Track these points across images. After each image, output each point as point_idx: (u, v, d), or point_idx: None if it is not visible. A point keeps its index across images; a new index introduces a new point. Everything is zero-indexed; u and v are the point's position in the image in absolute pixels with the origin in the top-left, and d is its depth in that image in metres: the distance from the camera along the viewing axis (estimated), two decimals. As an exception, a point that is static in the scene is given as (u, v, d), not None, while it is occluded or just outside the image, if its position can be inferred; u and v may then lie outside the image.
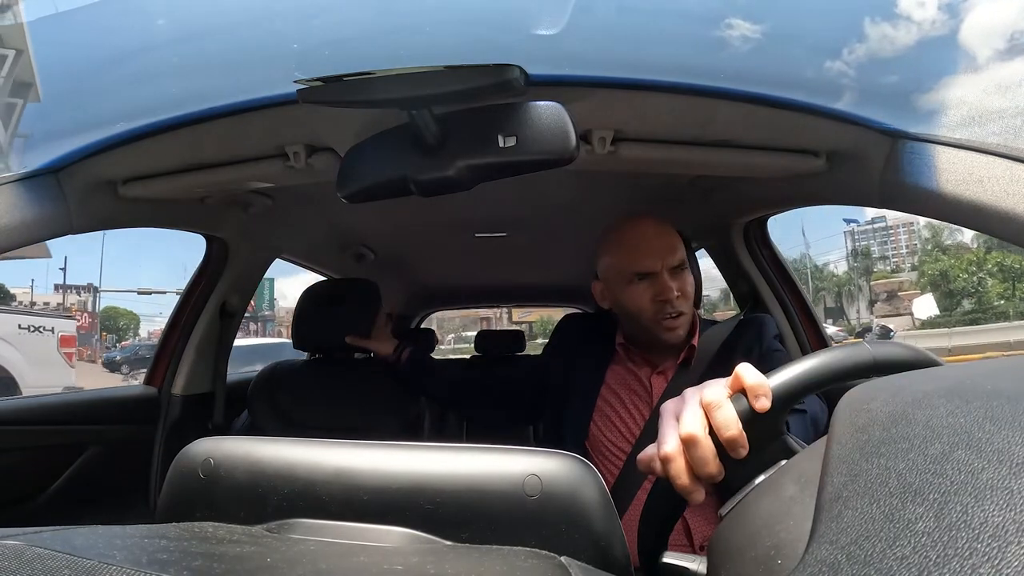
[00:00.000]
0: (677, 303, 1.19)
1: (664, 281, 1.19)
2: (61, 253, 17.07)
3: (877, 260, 36.33)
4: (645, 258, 1.21)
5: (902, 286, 26.14)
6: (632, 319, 1.24)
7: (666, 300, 1.19)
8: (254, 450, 0.53)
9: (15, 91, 1.23)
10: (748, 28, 0.99)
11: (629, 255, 1.22)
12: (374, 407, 1.75)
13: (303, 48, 0.96)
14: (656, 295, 1.19)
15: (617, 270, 1.25)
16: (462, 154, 0.87)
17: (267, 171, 1.20)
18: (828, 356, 0.55)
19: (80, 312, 26.48)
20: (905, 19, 1.16)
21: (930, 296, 23.73)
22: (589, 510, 0.46)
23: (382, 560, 0.42)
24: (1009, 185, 0.79)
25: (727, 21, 0.98)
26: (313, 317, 1.80)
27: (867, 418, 0.36)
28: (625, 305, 1.24)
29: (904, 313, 23.45)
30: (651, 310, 1.20)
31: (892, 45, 0.99)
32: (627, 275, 1.22)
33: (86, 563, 0.30)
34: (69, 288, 28.96)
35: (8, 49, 1.21)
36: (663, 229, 1.24)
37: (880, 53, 1.00)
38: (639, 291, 1.21)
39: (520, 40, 0.95)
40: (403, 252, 2.66)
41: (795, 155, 1.15)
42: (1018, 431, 0.28)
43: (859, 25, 1.03)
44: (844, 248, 37.98)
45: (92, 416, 1.61)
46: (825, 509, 0.32)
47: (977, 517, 0.25)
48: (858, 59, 1.02)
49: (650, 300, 1.20)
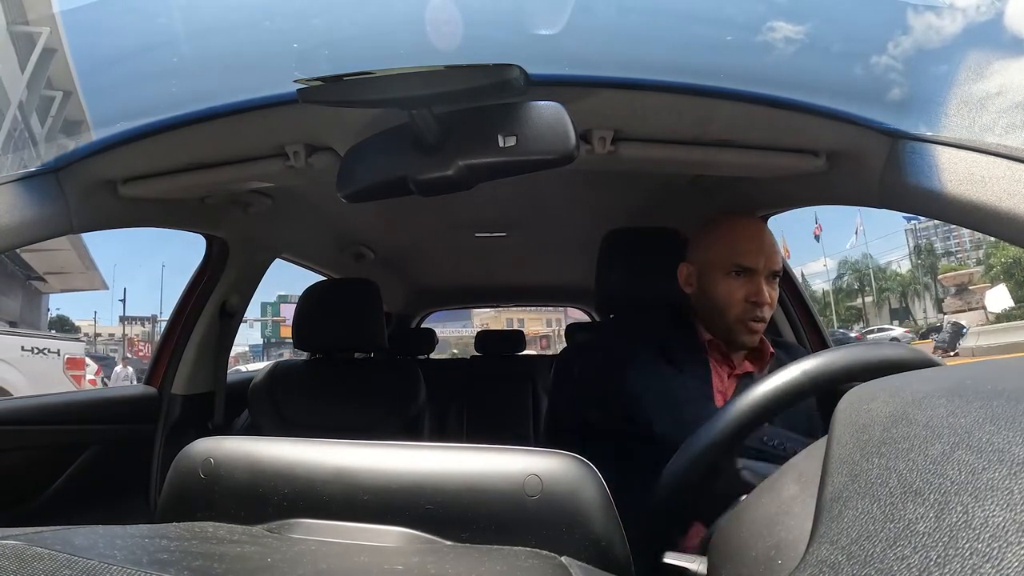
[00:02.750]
0: (766, 309, 1.18)
1: (760, 283, 1.17)
2: (120, 285, 17.96)
3: (941, 256, 34.84)
4: (751, 254, 1.18)
5: (972, 279, 24.66)
6: (716, 312, 1.21)
7: (757, 303, 1.17)
8: (254, 450, 0.53)
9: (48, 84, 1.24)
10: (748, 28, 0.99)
11: (735, 245, 1.20)
12: (374, 407, 1.75)
13: (303, 48, 0.96)
14: (749, 295, 1.17)
15: (718, 257, 1.21)
16: (462, 154, 0.87)
17: (267, 171, 1.20)
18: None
19: (143, 342, 28.82)
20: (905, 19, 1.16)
21: (1003, 287, 22.25)
22: (590, 510, 0.46)
23: (382, 560, 0.42)
24: (1010, 185, 0.79)
25: (727, 21, 0.98)
26: (313, 317, 1.80)
27: (867, 418, 0.36)
28: (714, 296, 1.21)
29: (976, 307, 22.30)
30: (740, 308, 1.18)
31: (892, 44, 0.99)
32: (727, 265, 1.19)
33: (86, 563, 0.30)
34: (132, 320, 31.27)
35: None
36: (771, 237, 1.23)
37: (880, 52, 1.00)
38: (734, 286, 1.18)
39: (520, 40, 0.95)
40: (403, 252, 2.66)
41: (795, 155, 1.15)
42: (1019, 431, 0.28)
43: (859, 25, 1.03)
44: (906, 246, 36.29)
45: (92, 416, 1.61)
46: (825, 509, 0.32)
47: (978, 517, 0.25)
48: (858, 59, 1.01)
49: (742, 298, 1.18)
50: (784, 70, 1.01)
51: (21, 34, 1.28)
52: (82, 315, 24.26)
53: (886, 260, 34.67)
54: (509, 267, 3.05)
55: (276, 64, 1.00)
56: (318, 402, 1.76)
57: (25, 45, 1.26)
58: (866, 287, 32.51)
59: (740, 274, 1.18)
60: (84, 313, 25.25)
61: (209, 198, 1.48)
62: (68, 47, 1.17)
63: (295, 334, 1.81)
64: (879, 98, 1.00)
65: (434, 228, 2.28)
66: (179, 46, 1.03)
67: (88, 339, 13.87)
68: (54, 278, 13.68)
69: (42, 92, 1.25)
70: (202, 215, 1.56)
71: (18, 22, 1.32)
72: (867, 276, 30.17)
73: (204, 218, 1.59)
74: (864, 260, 32.81)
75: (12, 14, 1.36)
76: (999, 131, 0.83)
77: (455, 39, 0.88)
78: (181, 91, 1.06)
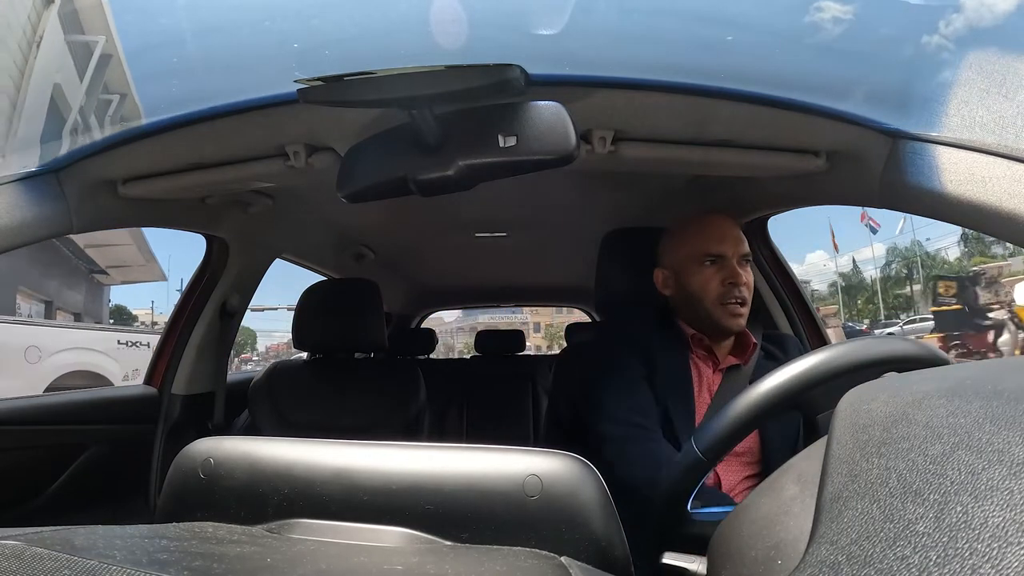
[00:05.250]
0: (743, 290, 1.22)
1: (733, 266, 1.22)
2: (178, 276, 18.18)
3: (992, 243, 33.97)
4: (720, 241, 1.23)
5: (1001, 271, 23.30)
6: (697, 303, 1.24)
7: (735, 283, 1.21)
8: (254, 450, 0.53)
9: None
10: (748, 28, 0.99)
11: (703, 238, 1.25)
12: (374, 407, 1.75)
13: (304, 47, 0.96)
14: (725, 278, 1.22)
15: (690, 252, 1.26)
16: (462, 154, 0.87)
17: (267, 170, 1.20)
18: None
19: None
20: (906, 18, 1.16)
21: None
22: (589, 510, 0.46)
23: (382, 560, 0.42)
24: (1010, 185, 0.79)
25: (727, 21, 0.98)
26: (313, 317, 1.80)
27: (867, 418, 0.36)
28: (692, 288, 1.25)
29: (1005, 301, 21.22)
30: (718, 292, 1.22)
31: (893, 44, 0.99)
32: (699, 257, 1.24)
33: (86, 563, 0.30)
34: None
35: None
36: (735, 224, 1.28)
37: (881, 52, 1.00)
38: (709, 274, 1.23)
39: (521, 40, 0.95)
40: (403, 252, 2.66)
41: (795, 155, 1.15)
42: (1018, 432, 0.28)
43: (859, 24, 1.03)
44: (956, 232, 35.44)
45: (92, 416, 1.61)
46: (825, 509, 0.32)
47: (977, 518, 0.25)
48: (858, 58, 1.01)
49: (719, 283, 1.22)
50: (784, 70, 1.01)
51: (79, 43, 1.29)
52: (139, 304, 24.92)
53: (936, 247, 34.21)
54: (509, 267, 3.04)
55: (277, 64, 1.00)
56: (318, 402, 1.76)
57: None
58: (915, 274, 32.16)
59: (713, 262, 1.23)
60: (141, 302, 25.83)
61: (209, 198, 1.48)
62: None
63: (295, 334, 1.81)
64: (879, 98, 0.99)
65: (434, 228, 2.28)
66: (179, 46, 1.03)
67: (146, 327, 14.38)
68: (116, 271, 13.98)
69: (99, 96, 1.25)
70: (202, 215, 1.56)
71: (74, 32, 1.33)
72: (915, 263, 29.71)
73: (204, 218, 1.59)
74: (913, 247, 32.35)
75: (69, 26, 1.37)
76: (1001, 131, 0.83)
77: (455, 39, 0.88)
78: (181, 91, 1.06)
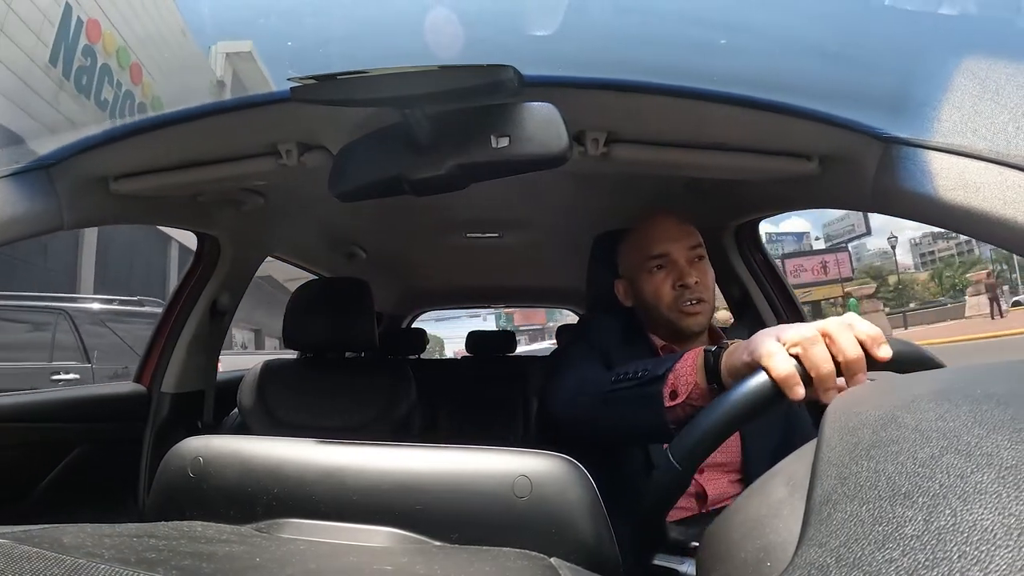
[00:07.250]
0: (697, 288, 1.17)
1: (681, 266, 1.18)
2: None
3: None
4: (661, 241, 1.20)
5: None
6: (652, 309, 1.22)
7: (686, 286, 1.17)
8: (244, 449, 0.53)
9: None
10: (742, 31, 0.99)
11: (645, 240, 1.22)
12: (364, 407, 1.75)
13: (297, 46, 0.96)
14: (676, 281, 1.18)
15: (636, 260, 1.24)
16: (455, 154, 0.87)
17: (259, 168, 1.19)
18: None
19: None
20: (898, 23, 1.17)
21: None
22: (579, 511, 0.46)
23: (371, 560, 0.42)
24: (1001, 191, 0.79)
25: (720, 24, 0.99)
26: (304, 316, 1.79)
27: (857, 421, 0.36)
28: (645, 294, 1.22)
29: None
30: (670, 296, 1.18)
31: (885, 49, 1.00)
32: (646, 263, 1.21)
33: (74, 562, 0.30)
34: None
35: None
36: (679, 218, 1.25)
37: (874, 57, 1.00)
38: (658, 278, 1.20)
39: (515, 41, 0.95)
40: (395, 251, 2.65)
41: (788, 158, 1.15)
42: (1007, 435, 0.28)
43: (852, 28, 1.03)
44: None
45: (81, 414, 1.60)
46: (814, 512, 0.32)
47: (966, 521, 0.25)
48: (851, 63, 1.02)
49: (670, 287, 1.18)
50: (777, 74, 1.01)
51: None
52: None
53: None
54: (501, 268, 3.04)
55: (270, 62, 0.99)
56: (308, 401, 1.75)
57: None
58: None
59: (661, 267, 1.20)
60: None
61: (201, 196, 1.47)
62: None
63: (285, 333, 1.80)
64: (872, 103, 1.00)
65: (426, 228, 2.27)
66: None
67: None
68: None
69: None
70: (194, 213, 1.55)
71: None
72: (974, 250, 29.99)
73: (196, 216, 1.58)
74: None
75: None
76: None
77: (450, 39, 0.88)
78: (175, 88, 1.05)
